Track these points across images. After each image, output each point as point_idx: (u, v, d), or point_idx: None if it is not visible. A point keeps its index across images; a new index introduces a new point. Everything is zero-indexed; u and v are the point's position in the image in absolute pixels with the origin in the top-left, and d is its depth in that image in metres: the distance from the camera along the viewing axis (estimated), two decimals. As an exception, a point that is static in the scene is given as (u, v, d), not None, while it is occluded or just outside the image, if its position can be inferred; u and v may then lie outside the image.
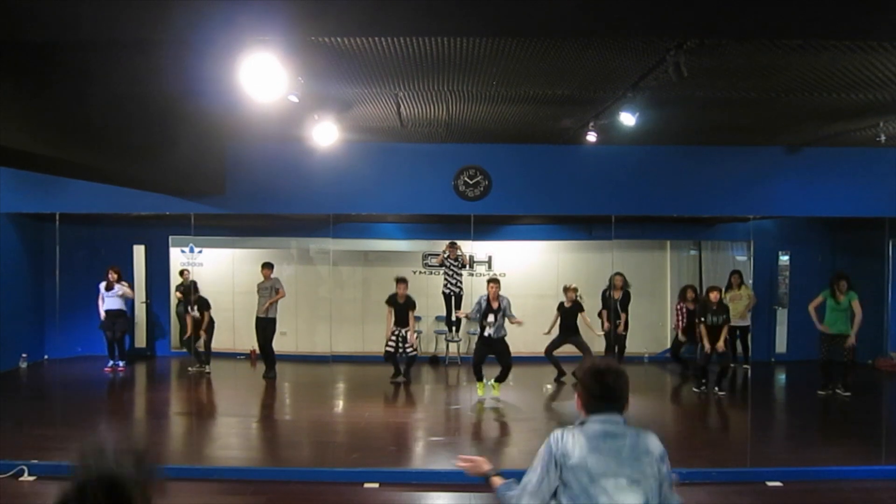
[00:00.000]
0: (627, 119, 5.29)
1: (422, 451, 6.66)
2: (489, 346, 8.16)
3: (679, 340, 9.43)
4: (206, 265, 10.94)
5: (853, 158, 7.09)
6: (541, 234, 11.05)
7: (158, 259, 10.74)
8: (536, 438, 6.86)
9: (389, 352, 9.05)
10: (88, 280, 9.61)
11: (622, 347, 9.52)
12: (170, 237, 10.48)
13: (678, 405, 8.77)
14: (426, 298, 10.52)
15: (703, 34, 3.61)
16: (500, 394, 8.27)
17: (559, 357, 9.08)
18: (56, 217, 7.15)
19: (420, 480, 5.60)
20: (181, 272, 10.38)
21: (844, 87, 4.75)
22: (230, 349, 10.03)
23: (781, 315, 10.76)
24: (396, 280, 9.21)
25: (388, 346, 9.05)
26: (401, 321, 9.06)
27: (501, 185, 7.17)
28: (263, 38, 3.58)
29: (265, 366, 9.38)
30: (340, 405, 8.47)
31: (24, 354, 9.60)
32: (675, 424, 7.86)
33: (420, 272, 11.06)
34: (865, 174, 7.07)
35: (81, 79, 4.54)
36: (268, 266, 9.51)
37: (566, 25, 3.22)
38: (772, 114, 5.77)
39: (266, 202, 7.22)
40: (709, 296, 8.67)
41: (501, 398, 8.23)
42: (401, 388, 8.95)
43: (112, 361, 9.56)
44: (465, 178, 7.16)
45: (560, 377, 9.06)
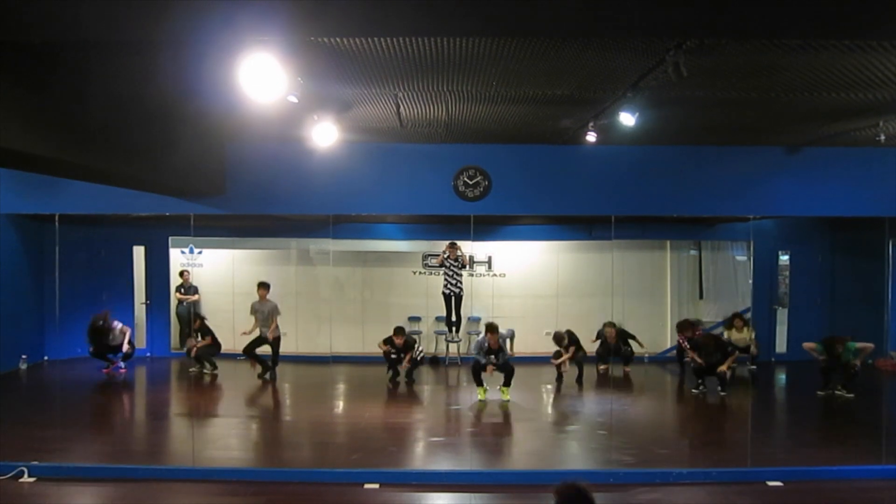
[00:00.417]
0: (627, 119, 5.28)
1: (422, 452, 6.65)
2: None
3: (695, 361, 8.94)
4: (206, 266, 10.95)
5: (853, 158, 7.09)
6: (541, 235, 11.05)
7: (158, 260, 10.73)
8: (537, 439, 6.91)
9: (392, 359, 9.12)
10: (88, 281, 9.60)
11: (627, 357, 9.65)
12: (169, 238, 10.49)
13: (678, 405, 8.77)
14: (426, 299, 10.52)
15: (703, 34, 3.60)
16: (504, 396, 8.24)
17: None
18: (56, 218, 7.15)
19: (420, 481, 5.59)
20: (181, 273, 10.38)
21: (844, 87, 4.75)
22: (230, 350, 10.01)
23: (781, 315, 10.77)
24: (395, 330, 9.04)
25: (392, 356, 9.14)
26: (400, 351, 9.13)
27: (501, 186, 7.17)
28: (263, 39, 3.58)
29: (263, 366, 9.38)
30: (340, 406, 8.46)
31: (24, 355, 9.59)
32: (676, 424, 7.86)
33: (420, 272, 11.06)
34: (865, 174, 7.08)
35: (81, 79, 4.54)
36: (264, 286, 9.21)
37: (566, 25, 3.22)
38: (771, 114, 5.77)
39: (266, 203, 7.22)
40: (703, 339, 8.71)
41: (503, 399, 8.20)
42: (399, 389, 8.95)
43: (110, 364, 9.54)
44: (465, 179, 7.16)
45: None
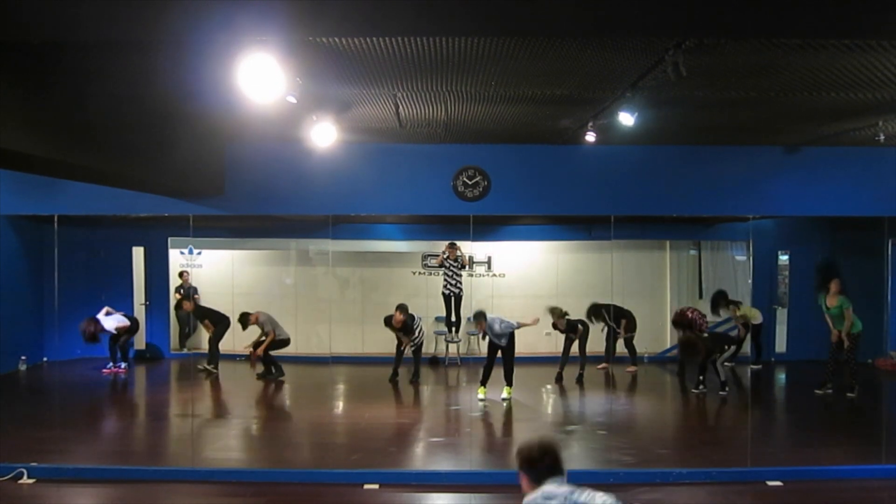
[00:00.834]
0: (626, 119, 5.28)
1: (422, 452, 6.65)
2: (493, 349, 8.32)
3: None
4: (206, 267, 10.95)
5: (852, 158, 7.08)
6: (540, 235, 11.05)
7: (157, 261, 10.73)
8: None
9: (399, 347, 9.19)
10: (88, 282, 9.59)
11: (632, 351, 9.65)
12: (169, 239, 10.47)
13: (678, 405, 8.76)
14: (426, 299, 10.51)
15: (702, 33, 3.60)
16: (506, 394, 8.27)
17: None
18: (55, 219, 7.14)
19: (420, 481, 5.59)
20: (180, 273, 10.37)
21: (844, 87, 4.74)
22: (230, 350, 10.01)
23: (781, 315, 10.76)
24: (397, 307, 9.07)
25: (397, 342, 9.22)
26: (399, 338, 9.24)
27: (500, 186, 7.16)
28: (262, 39, 3.58)
29: (267, 368, 9.38)
30: (340, 406, 8.46)
31: (23, 357, 9.58)
32: (676, 424, 7.86)
33: (419, 273, 11.05)
34: (865, 174, 7.07)
35: (80, 80, 4.53)
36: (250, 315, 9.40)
37: (565, 25, 3.22)
38: (771, 113, 5.76)
39: (265, 203, 7.22)
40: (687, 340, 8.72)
41: (503, 397, 8.21)
42: (399, 389, 8.95)
43: (112, 364, 9.54)
44: (465, 179, 7.15)
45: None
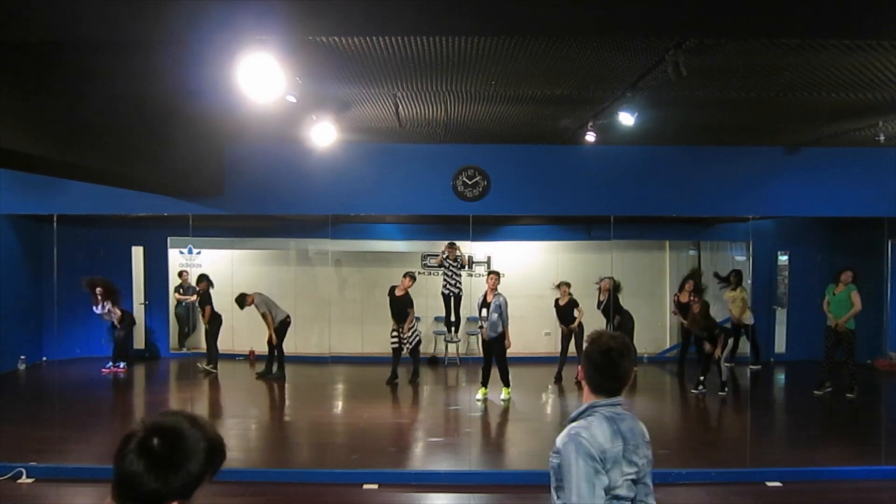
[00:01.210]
0: (626, 119, 5.27)
1: (421, 452, 6.65)
2: (486, 349, 8.21)
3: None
4: (205, 266, 10.93)
5: (852, 158, 7.08)
6: (540, 235, 11.04)
7: (157, 260, 10.72)
8: (536, 439, 6.89)
9: (395, 348, 9.09)
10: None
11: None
12: (168, 238, 10.46)
13: (678, 405, 8.76)
14: (425, 299, 10.50)
15: (702, 34, 3.60)
16: (504, 395, 8.25)
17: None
18: (54, 218, 7.14)
19: (420, 481, 5.58)
20: (180, 273, 10.36)
21: (844, 87, 4.74)
22: (229, 350, 10.00)
23: (781, 315, 10.75)
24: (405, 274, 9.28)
25: (392, 343, 9.10)
26: (398, 318, 9.11)
27: (500, 186, 7.16)
28: (261, 38, 3.57)
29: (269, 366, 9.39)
30: (340, 406, 8.45)
31: (23, 356, 9.56)
32: (676, 424, 7.85)
33: (419, 273, 11.03)
34: (865, 174, 7.06)
35: (79, 79, 4.53)
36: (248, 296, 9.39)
37: (564, 25, 3.22)
38: (771, 113, 5.76)
39: (265, 203, 7.21)
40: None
41: (502, 398, 8.20)
42: (399, 389, 8.94)
43: (111, 363, 9.54)
44: (464, 179, 7.15)
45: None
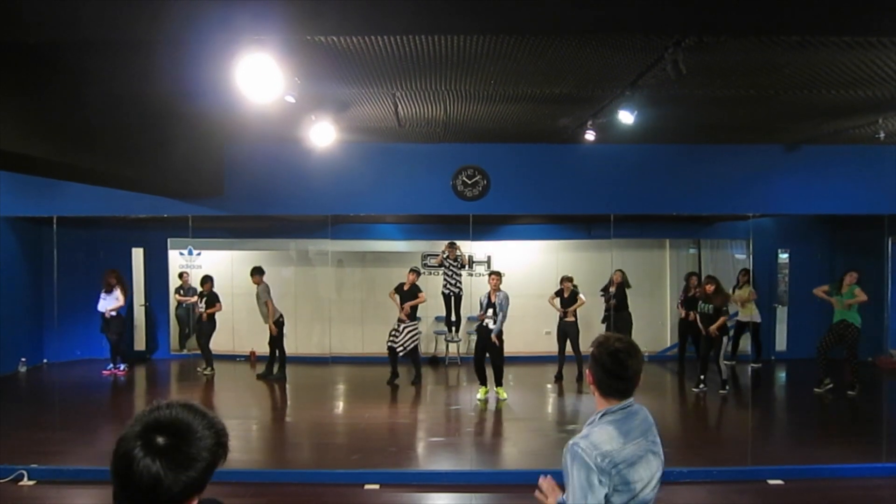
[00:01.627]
0: (626, 117, 5.27)
1: (422, 452, 6.64)
2: (485, 340, 8.11)
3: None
4: (205, 267, 10.92)
5: (852, 156, 7.08)
6: (540, 234, 11.03)
7: (157, 261, 10.71)
8: (537, 438, 6.89)
9: (391, 347, 9.01)
10: (87, 283, 9.57)
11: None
12: (168, 239, 10.46)
13: (678, 404, 8.75)
14: (426, 298, 10.49)
15: (702, 31, 3.59)
16: (501, 395, 8.24)
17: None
18: (54, 220, 7.13)
19: (421, 481, 5.58)
20: (180, 274, 10.36)
21: (843, 84, 4.74)
22: (229, 351, 10.00)
23: (781, 313, 10.75)
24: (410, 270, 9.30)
25: (389, 343, 9.03)
26: (409, 299, 9.05)
27: (500, 185, 7.16)
28: (260, 38, 3.57)
29: (268, 366, 9.38)
30: (340, 406, 8.45)
31: (23, 358, 9.57)
32: (676, 423, 7.84)
33: (419, 273, 11.03)
34: (865, 171, 7.07)
35: (78, 80, 4.53)
36: (257, 272, 9.30)
37: (564, 23, 3.21)
38: (771, 111, 5.76)
39: (264, 203, 7.21)
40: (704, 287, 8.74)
41: (500, 398, 8.20)
42: (399, 389, 8.93)
43: (112, 365, 9.53)
44: (464, 178, 7.15)
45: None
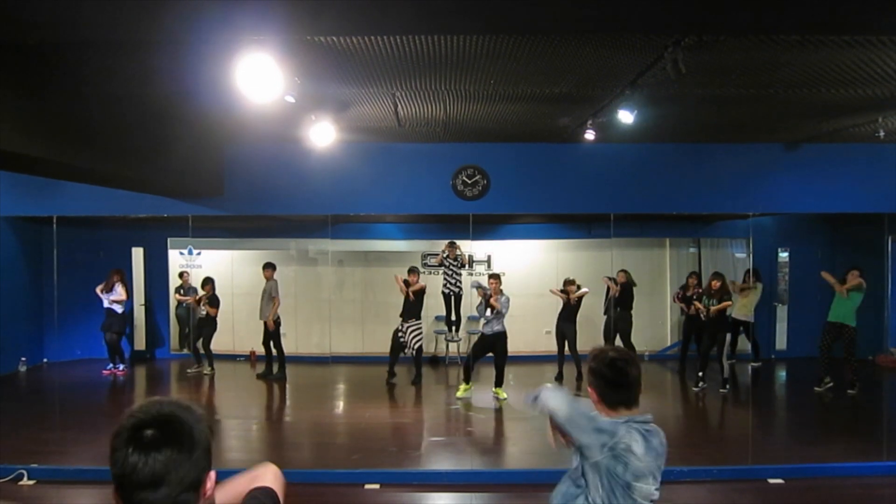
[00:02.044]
0: (626, 117, 5.27)
1: (423, 452, 6.64)
2: (487, 344, 8.14)
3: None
4: (205, 267, 10.92)
5: (852, 154, 7.08)
6: (540, 233, 11.03)
7: (157, 261, 10.71)
8: (537, 438, 6.88)
9: (395, 346, 8.97)
10: (87, 283, 9.57)
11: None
12: (168, 239, 10.46)
13: (679, 403, 8.76)
14: (425, 298, 10.48)
15: (701, 31, 3.59)
16: (500, 395, 8.24)
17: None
18: (54, 220, 7.13)
19: (421, 481, 5.58)
20: (180, 274, 10.36)
21: (843, 83, 4.74)
22: (230, 351, 10.00)
23: (781, 312, 10.75)
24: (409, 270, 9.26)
25: (399, 339, 8.99)
26: (410, 314, 9.01)
27: (500, 185, 7.16)
28: (259, 38, 3.57)
29: (267, 365, 9.38)
30: (340, 406, 8.45)
31: (23, 358, 9.57)
32: (677, 422, 7.84)
33: (419, 272, 11.03)
34: (865, 170, 7.07)
35: (78, 80, 4.53)
36: (269, 267, 9.34)
37: (563, 23, 3.22)
38: (770, 110, 5.76)
39: (264, 203, 7.21)
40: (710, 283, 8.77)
41: (501, 398, 8.20)
42: (398, 389, 8.94)
43: (111, 364, 9.53)
44: (464, 178, 7.15)
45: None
